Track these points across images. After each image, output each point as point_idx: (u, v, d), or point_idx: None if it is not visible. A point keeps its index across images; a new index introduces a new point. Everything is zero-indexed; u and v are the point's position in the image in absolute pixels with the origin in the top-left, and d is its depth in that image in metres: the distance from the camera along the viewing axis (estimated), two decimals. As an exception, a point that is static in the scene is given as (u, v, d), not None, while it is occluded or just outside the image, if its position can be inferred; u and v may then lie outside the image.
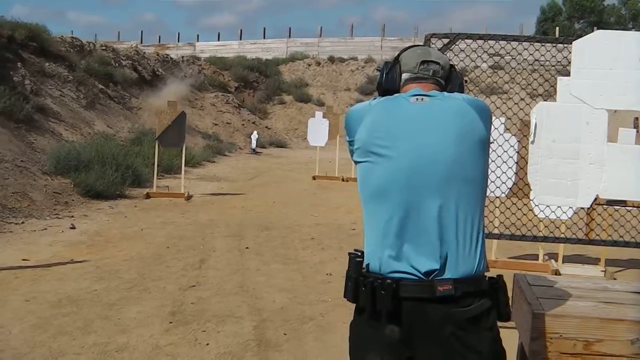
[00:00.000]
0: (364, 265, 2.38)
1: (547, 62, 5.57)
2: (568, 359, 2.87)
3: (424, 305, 2.25)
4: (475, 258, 2.32)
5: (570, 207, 5.33)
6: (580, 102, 4.86)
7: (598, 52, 4.84)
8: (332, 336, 5.43)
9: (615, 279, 7.65)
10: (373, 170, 2.39)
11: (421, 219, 2.30)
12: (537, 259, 8.05)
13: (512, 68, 5.94)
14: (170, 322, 5.59)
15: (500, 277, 2.40)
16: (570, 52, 4.93)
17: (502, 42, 5.28)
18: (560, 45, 5.18)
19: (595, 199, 4.94)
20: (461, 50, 5.23)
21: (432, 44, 5.05)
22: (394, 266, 2.30)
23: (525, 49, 5.37)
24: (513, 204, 5.76)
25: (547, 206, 5.48)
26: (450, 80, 2.58)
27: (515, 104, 5.72)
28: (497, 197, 6.05)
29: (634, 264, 8.39)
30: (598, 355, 2.87)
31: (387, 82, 2.61)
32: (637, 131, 7.54)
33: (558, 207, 5.45)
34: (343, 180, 17.27)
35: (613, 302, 3.14)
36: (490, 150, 5.32)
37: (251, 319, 5.76)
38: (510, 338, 3.90)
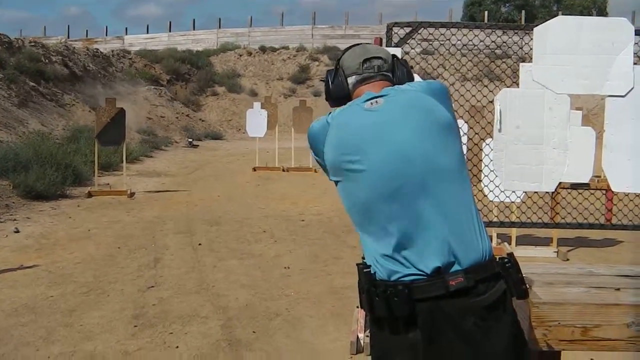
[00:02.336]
0: (372, 274, 2.31)
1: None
2: (566, 346, 2.89)
3: (439, 302, 2.20)
4: (479, 243, 2.28)
5: (524, 192, 5.38)
6: (543, 88, 4.92)
7: (558, 38, 4.90)
8: (301, 331, 5.40)
9: (568, 259, 7.81)
10: (352, 188, 2.35)
11: (416, 220, 2.25)
12: (491, 242, 8.14)
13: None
14: (135, 326, 5.47)
15: (511, 255, 2.39)
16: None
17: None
18: (515, 31, 5.21)
19: (560, 183, 5.01)
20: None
21: (395, 32, 5.04)
22: (402, 271, 2.25)
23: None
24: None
25: (502, 191, 5.53)
26: (395, 71, 2.53)
27: (471, 90, 5.75)
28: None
29: (580, 242, 8.58)
30: (595, 340, 2.89)
31: (335, 90, 2.55)
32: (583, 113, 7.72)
33: (512, 191, 5.49)
34: (284, 170, 17.21)
35: (604, 286, 3.17)
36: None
37: (217, 318, 5.68)
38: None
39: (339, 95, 2.54)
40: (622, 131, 4.86)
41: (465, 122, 6.41)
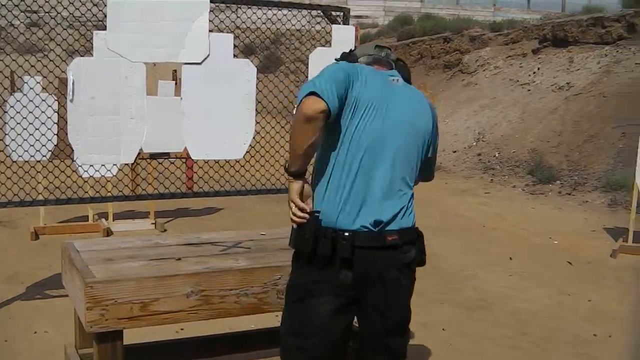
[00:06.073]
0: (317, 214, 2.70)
1: (84, 18, 5.32)
2: (126, 324, 2.76)
3: (374, 252, 2.67)
4: (412, 212, 2.81)
5: (114, 165, 5.19)
6: (118, 56, 4.73)
7: (135, 5, 4.73)
8: None
9: (165, 230, 7.82)
10: (353, 128, 2.68)
11: (376, 181, 2.69)
12: (88, 220, 7.86)
13: (52, 25, 5.59)
14: None
15: (417, 227, 2.87)
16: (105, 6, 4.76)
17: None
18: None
19: (139, 154, 4.88)
20: (2, 5, 4.75)
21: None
22: (349, 220, 2.66)
23: (64, 8, 5.05)
24: (55, 166, 5.45)
25: (91, 165, 5.27)
26: (397, 66, 2.97)
27: (51, 61, 5.38)
28: (38, 161, 5.68)
29: (181, 212, 8.65)
30: (156, 314, 2.81)
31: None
32: (176, 83, 7.74)
33: (102, 165, 5.27)
34: None
35: (166, 257, 3.10)
36: (27, 112, 5.01)
37: None
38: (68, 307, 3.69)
39: None
40: (199, 99, 4.85)
41: (56, 99, 6.02)
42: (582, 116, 13.10)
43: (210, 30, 4.97)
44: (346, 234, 2.63)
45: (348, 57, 2.93)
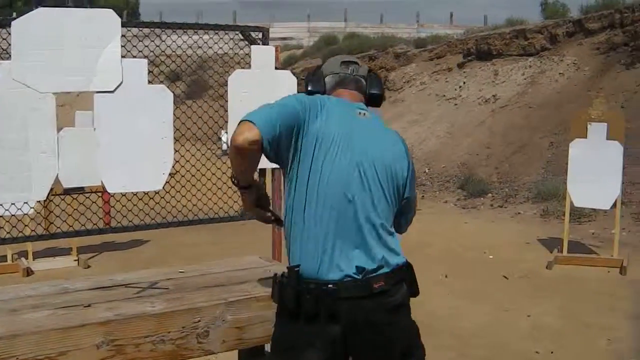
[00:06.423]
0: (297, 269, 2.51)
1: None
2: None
3: (361, 301, 2.48)
4: (399, 251, 2.61)
5: (25, 202, 4.90)
6: (24, 87, 4.45)
7: (42, 32, 4.46)
8: None
9: (89, 266, 7.50)
10: (320, 166, 2.48)
11: (354, 221, 2.50)
12: (7, 260, 7.46)
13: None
14: None
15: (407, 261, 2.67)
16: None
17: None
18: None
19: (52, 189, 4.60)
20: None
21: None
22: (330, 271, 2.47)
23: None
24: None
25: (0, 204, 4.96)
26: (368, 79, 2.79)
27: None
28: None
29: (105, 247, 8.29)
30: (60, 371, 2.53)
31: (313, 86, 2.75)
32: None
33: (12, 203, 4.96)
34: None
35: (74, 304, 2.82)
36: None
37: None
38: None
39: (316, 90, 2.74)
40: (114, 129, 4.61)
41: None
42: (509, 128, 13.22)
43: (123, 56, 4.75)
44: (330, 285, 2.46)
45: (314, 75, 2.79)
